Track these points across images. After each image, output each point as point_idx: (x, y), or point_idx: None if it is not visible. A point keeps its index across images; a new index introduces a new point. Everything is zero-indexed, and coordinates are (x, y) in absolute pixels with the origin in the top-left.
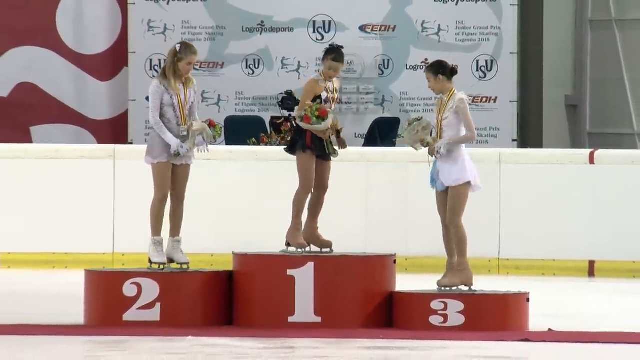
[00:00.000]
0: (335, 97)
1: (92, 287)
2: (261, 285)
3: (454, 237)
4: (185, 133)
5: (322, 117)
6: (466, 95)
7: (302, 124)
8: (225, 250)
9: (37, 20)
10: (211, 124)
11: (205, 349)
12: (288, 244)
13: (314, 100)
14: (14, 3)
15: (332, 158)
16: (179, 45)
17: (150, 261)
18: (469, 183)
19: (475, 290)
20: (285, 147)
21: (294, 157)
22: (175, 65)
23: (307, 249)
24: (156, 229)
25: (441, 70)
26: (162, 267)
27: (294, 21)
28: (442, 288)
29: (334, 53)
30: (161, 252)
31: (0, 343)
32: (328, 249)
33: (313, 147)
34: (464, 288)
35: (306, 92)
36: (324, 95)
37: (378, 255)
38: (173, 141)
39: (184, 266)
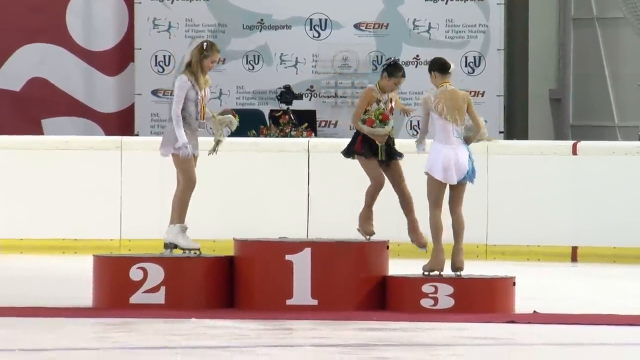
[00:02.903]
0: (391, 107)
1: (100, 272)
2: (261, 270)
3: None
4: (203, 128)
5: (384, 121)
6: (431, 92)
7: (363, 127)
8: (226, 237)
9: (48, 19)
10: (232, 115)
11: (207, 330)
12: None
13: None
14: (26, 3)
15: (398, 159)
16: (205, 43)
17: (167, 247)
18: (428, 173)
19: (460, 275)
20: (342, 151)
21: (291, 149)
22: (202, 62)
23: (369, 237)
24: (182, 216)
25: (433, 67)
26: (198, 252)
27: (292, 19)
28: (424, 272)
29: (402, 70)
30: (188, 238)
31: (13, 324)
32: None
33: (362, 152)
34: (434, 273)
35: (362, 99)
36: (374, 106)
37: (372, 241)
38: (183, 140)
39: (194, 252)
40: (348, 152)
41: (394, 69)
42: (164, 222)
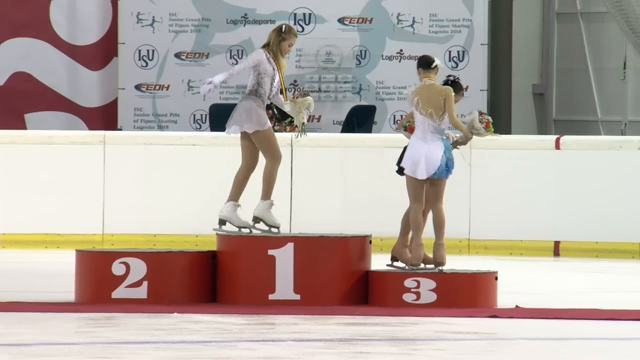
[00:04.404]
0: None
1: (83, 266)
2: (243, 265)
3: None
4: (288, 109)
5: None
6: (411, 88)
7: (404, 132)
8: (209, 231)
9: (32, 13)
10: (307, 95)
11: (190, 325)
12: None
13: None
14: None
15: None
16: (284, 26)
17: (254, 220)
18: (402, 167)
19: (442, 270)
20: (397, 170)
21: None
22: (280, 44)
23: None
24: (270, 192)
25: (418, 63)
26: (278, 230)
27: (276, 14)
28: (407, 266)
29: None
30: (273, 215)
31: None
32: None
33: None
34: (412, 267)
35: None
36: None
37: (354, 235)
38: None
39: (274, 229)
40: (401, 171)
41: (458, 87)
42: (147, 216)
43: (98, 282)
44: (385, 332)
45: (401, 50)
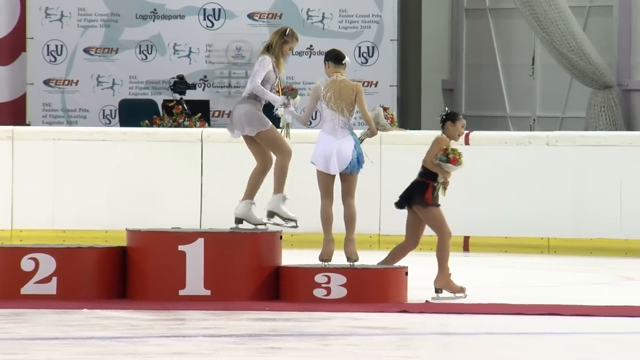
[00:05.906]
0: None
1: None
2: (153, 260)
3: None
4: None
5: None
6: (322, 81)
7: (448, 165)
8: (119, 227)
9: None
10: (292, 90)
11: (100, 321)
12: (439, 291)
13: None
14: None
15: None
16: (288, 29)
17: (268, 214)
18: (313, 163)
19: (353, 265)
20: (396, 202)
21: (184, 139)
22: (282, 47)
23: (463, 294)
24: (283, 186)
25: (328, 57)
26: (295, 224)
27: (185, 9)
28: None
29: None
30: (286, 209)
31: None
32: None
33: (434, 202)
34: (327, 263)
35: (436, 147)
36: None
37: (265, 231)
38: (278, 99)
39: (291, 223)
40: (410, 203)
41: (455, 115)
42: (56, 212)
43: (7, 278)
44: (296, 328)
45: (311, 46)
